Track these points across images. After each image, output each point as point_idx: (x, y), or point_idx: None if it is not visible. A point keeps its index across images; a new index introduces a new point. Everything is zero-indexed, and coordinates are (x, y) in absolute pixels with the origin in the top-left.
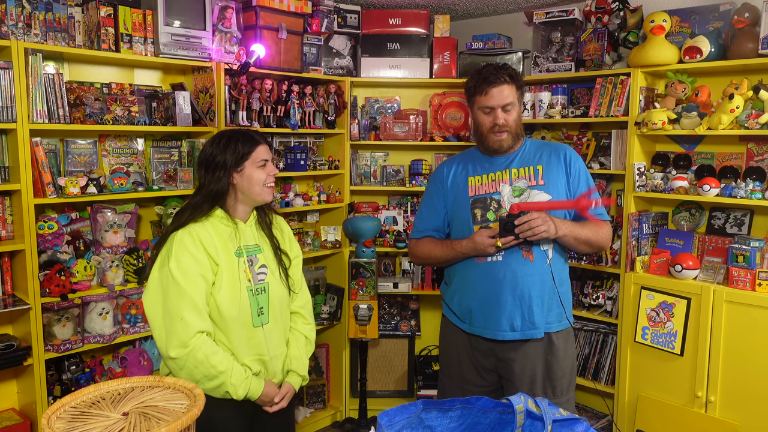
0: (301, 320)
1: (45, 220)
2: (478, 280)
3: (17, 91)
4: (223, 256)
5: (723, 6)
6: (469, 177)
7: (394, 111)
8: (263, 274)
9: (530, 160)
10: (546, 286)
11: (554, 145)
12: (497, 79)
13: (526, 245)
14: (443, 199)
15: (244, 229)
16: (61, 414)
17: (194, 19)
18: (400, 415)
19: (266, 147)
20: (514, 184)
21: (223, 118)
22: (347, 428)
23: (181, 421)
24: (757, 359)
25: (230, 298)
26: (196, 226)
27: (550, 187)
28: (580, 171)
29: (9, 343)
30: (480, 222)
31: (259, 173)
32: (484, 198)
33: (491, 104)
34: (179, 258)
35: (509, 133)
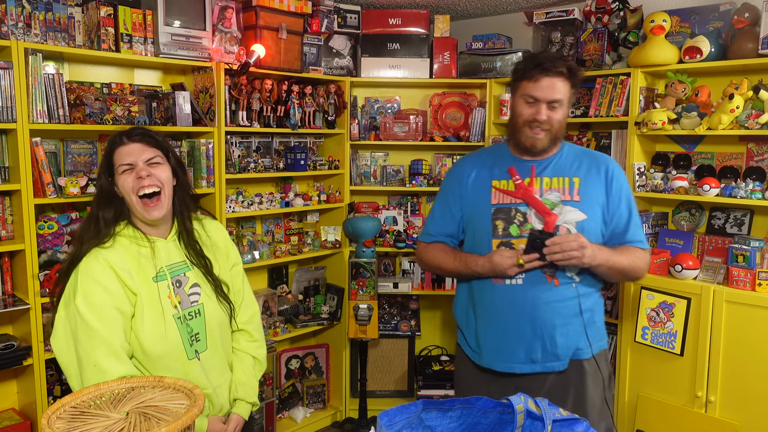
0: (245, 338)
1: (45, 220)
2: (494, 305)
3: (17, 91)
4: (141, 284)
5: (723, 6)
6: (493, 181)
7: (394, 111)
8: (196, 295)
9: (566, 169)
10: (572, 313)
11: (596, 155)
12: (553, 68)
13: (550, 268)
14: (460, 201)
15: (164, 246)
16: (61, 414)
17: (194, 19)
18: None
19: (133, 146)
20: (545, 196)
21: (223, 118)
22: (347, 428)
23: (181, 421)
24: (757, 359)
25: (154, 332)
26: (103, 251)
27: (585, 205)
28: (621, 191)
29: (9, 343)
30: (501, 236)
31: (123, 182)
32: (509, 208)
33: (537, 95)
34: (86, 291)
35: (548, 134)
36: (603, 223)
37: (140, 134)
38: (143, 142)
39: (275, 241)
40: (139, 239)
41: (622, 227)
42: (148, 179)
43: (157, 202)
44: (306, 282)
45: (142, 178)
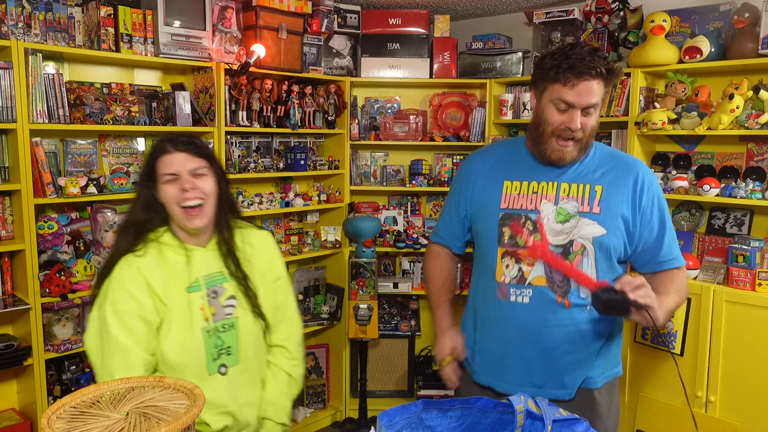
0: (284, 354)
1: (45, 220)
2: (496, 322)
3: (17, 91)
4: (173, 294)
5: (723, 6)
6: (504, 181)
7: (394, 111)
8: (231, 307)
9: (589, 174)
10: (583, 339)
11: (626, 159)
12: (591, 70)
13: (561, 287)
14: (466, 200)
15: (202, 256)
16: (61, 414)
17: (194, 19)
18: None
19: (179, 155)
20: (560, 205)
21: (223, 118)
22: (347, 428)
23: (181, 421)
24: (757, 359)
25: (177, 342)
26: (137, 258)
27: (606, 218)
28: (653, 202)
29: (9, 343)
30: (507, 244)
31: (166, 191)
32: (518, 215)
33: (572, 100)
34: (114, 299)
35: (578, 144)
36: (627, 238)
37: (186, 143)
38: (188, 151)
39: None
40: (177, 247)
41: (653, 242)
42: (192, 192)
43: (200, 211)
44: (306, 282)
45: (186, 190)
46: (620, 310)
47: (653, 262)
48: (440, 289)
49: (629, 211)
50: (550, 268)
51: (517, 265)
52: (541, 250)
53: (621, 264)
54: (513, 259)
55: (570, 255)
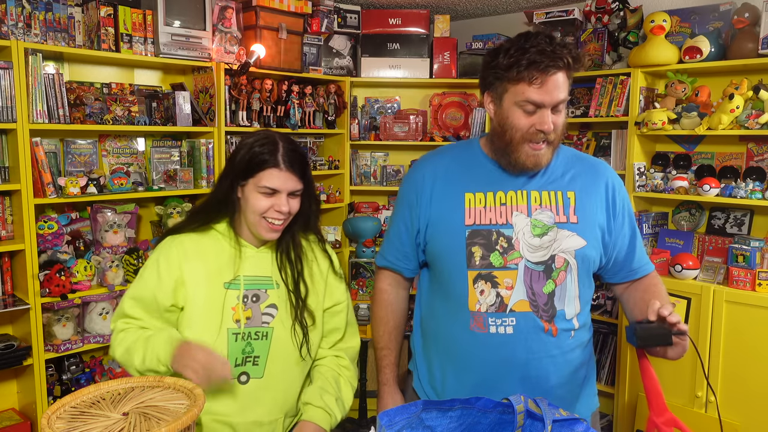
0: (340, 362)
1: (45, 220)
2: (476, 360)
3: (17, 91)
4: (208, 286)
5: (723, 6)
6: (465, 193)
7: (394, 111)
8: (269, 316)
9: (558, 179)
10: (570, 368)
11: (592, 162)
12: (557, 62)
13: (546, 310)
14: (417, 217)
15: (253, 255)
16: (61, 414)
17: (194, 19)
18: (400, 415)
19: (285, 174)
20: (535, 216)
21: (223, 118)
22: (347, 428)
23: (181, 421)
24: (757, 359)
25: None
26: (186, 239)
27: (584, 228)
28: (625, 208)
29: (9, 343)
30: (479, 266)
31: (258, 200)
32: (488, 231)
33: (542, 100)
34: (147, 265)
35: (551, 145)
36: (603, 248)
37: (299, 164)
38: (297, 173)
39: None
40: (231, 239)
41: (626, 251)
42: (283, 214)
43: (281, 228)
44: None
45: (280, 212)
46: (662, 340)
47: (626, 271)
48: (384, 348)
49: (604, 218)
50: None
51: (494, 290)
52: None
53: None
54: (488, 284)
55: (553, 272)
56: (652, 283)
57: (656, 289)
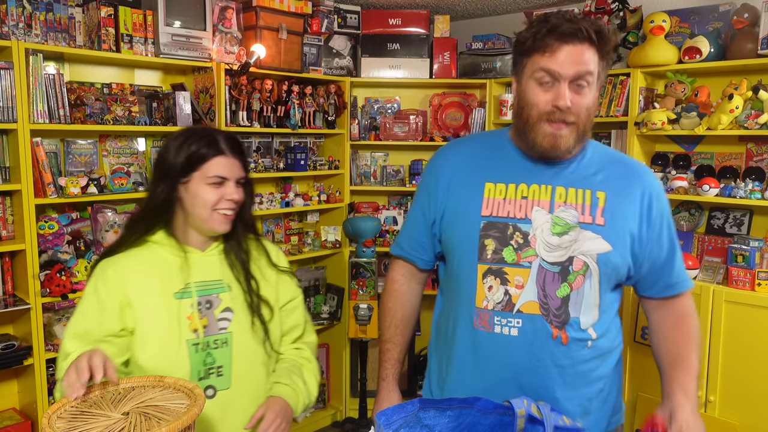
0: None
1: (45, 220)
2: (478, 360)
3: (18, 92)
4: (156, 300)
5: (722, 6)
6: (486, 182)
7: (394, 111)
8: (226, 321)
9: (589, 177)
10: (582, 380)
11: (631, 163)
12: (575, 32)
13: (558, 315)
14: (435, 204)
15: (199, 260)
16: (61, 413)
17: (194, 19)
18: (398, 414)
19: (231, 160)
20: (557, 213)
21: (223, 118)
22: (347, 428)
23: (181, 420)
24: (757, 359)
25: (158, 355)
26: (122, 258)
27: (611, 232)
28: (663, 216)
29: (9, 343)
30: (489, 260)
31: (207, 192)
32: (504, 224)
33: (557, 70)
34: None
35: (574, 128)
36: (632, 258)
37: (239, 151)
38: (240, 159)
39: (275, 241)
40: (173, 247)
41: (663, 263)
42: (234, 203)
43: (231, 218)
44: (306, 282)
45: (231, 200)
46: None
47: (661, 285)
48: (388, 341)
49: (636, 226)
50: (545, 290)
51: (503, 287)
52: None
53: (618, 288)
54: (498, 280)
55: (569, 275)
56: (683, 323)
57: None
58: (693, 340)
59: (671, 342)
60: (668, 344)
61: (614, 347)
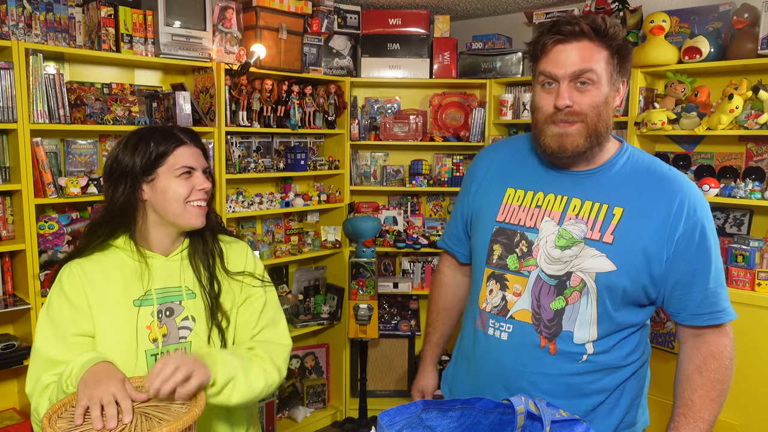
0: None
1: (45, 220)
2: (476, 357)
3: (18, 92)
4: (114, 307)
5: (722, 6)
6: (508, 188)
7: (394, 111)
8: (186, 330)
9: (610, 191)
10: (574, 392)
11: (663, 174)
12: (570, 30)
13: (549, 327)
14: (468, 204)
15: (161, 266)
16: (62, 414)
17: (194, 19)
18: (401, 415)
19: (194, 150)
20: (565, 226)
21: (223, 118)
22: (347, 428)
23: (181, 421)
24: (757, 359)
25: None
26: (86, 261)
27: (618, 252)
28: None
29: (9, 343)
30: (495, 265)
31: (177, 185)
32: (513, 231)
33: (551, 70)
34: (51, 301)
35: (582, 127)
36: (650, 278)
37: (198, 137)
38: (201, 149)
39: (275, 241)
40: (133, 252)
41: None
42: (205, 193)
43: (205, 209)
44: (306, 282)
45: (203, 190)
46: None
47: (689, 312)
48: (431, 325)
49: (655, 244)
50: (539, 300)
51: (502, 292)
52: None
53: (644, 308)
54: (498, 285)
55: (566, 290)
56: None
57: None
58: (714, 389)
59: (689, 387)
60: (686, 388)
61: (624, 365)
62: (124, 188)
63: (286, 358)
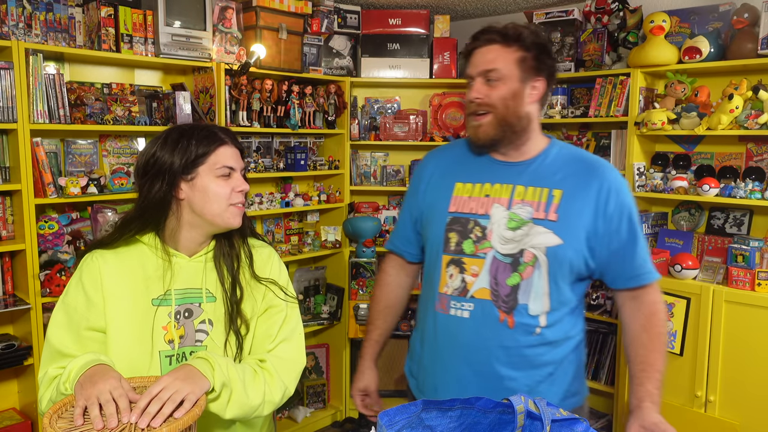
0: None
1: (45, 220)
2: (437, 339)
3: (18, 92)
4: (129, 304)
5: (722, 6)
6: (456, 183)
7: (394, 111)
8: (203, 333)
9: (548, 177)
10: (528, 364)
11: (591, 162)
12: (482, 38)
13: (506, 302)
14: (417, 203)
15: (184, 266)
16: (62, 414)
17: (194, 19)
18: (401, 415)
19: (234, 150)
20: (513, 210)
21: (223, 118)
22: (347, 428)
23: (182, 421)
24: (757, 359)
25: (128, 365)
26: (109, 253)
27: (563, 227)
28: (622, 209)
29: (9, 343)
30: (452, 251)
31: (218, 185)
32: (466, 219)
33: (469, 71)
34: (69, 289)
35: (492, 118)
36: (589, 251)
37: (237, 139)
38: (240, 149)
39: (275, 241)
40: (158, 250)
41: (622, 255)
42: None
43: (243, 209)
44: (306, 282)
45: (242, 191)
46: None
47: (625, 277)
48: (372, 323)
49: (591, 220)
50: (496, 278)
51: (461, 275)
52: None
53: (583, 281)
54: (457, 269)
55: (520, 266)
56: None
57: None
58: (660, 342)
59: (641, 345)
60: (638, 347)
61: (568, 338)
62: (161, 185)
63: (296, 376)
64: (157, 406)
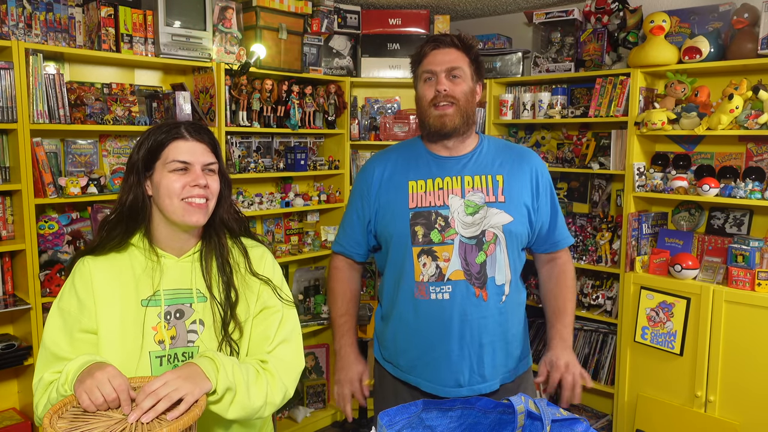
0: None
1: (45, 220)
2: (420, 322)
3: (18, 92)
4: (119, 306)
5: (722, 6)
6: (409, 181)
7: (394, 111)
8: (194, 334)
9: (488, 166)
10: (500, 329)
11: (519, 150)
12: (445, 39)
13: (478, 278)
14: (369, 206)
15: (173, 266)
16: (62, 414)
17: (194, 19)
18: (401, 415)
19: (192, 144)
20: (468, 197)
21: (223, 118)
22: (347, 428)
23: (182, 421)
24: (757, 359)
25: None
26: (101, 257)
27: (511, 206)
28: (547, 191)
29: (9, 343)
30: (421, 243)
31: (169, 180)
32: (428, 212)
33: (433, 68)
34: (64, 293)
35: (457, 109)
36: (529, 225)
37: (204, 132)
38: (205, 143)
39: (275, 241)
40: (146, 250)
41: (548, 225)
42: (202, 190)
43: (204, 207)
44: (306, 282)
45: (198, 186)
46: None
47: (549, 243)
48: (344, 315)
49: (530, 198)
50: (466, 260)
51: (434, 263)
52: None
53: (523, 250)
54: (430, 257)
55: (484, 245)
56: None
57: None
58: (570, 293)
59: (554, 296)
60: (552, 298)
61: (521, 302)
62: (131, 184)
63: (296, 378)
64: (151, 401)
